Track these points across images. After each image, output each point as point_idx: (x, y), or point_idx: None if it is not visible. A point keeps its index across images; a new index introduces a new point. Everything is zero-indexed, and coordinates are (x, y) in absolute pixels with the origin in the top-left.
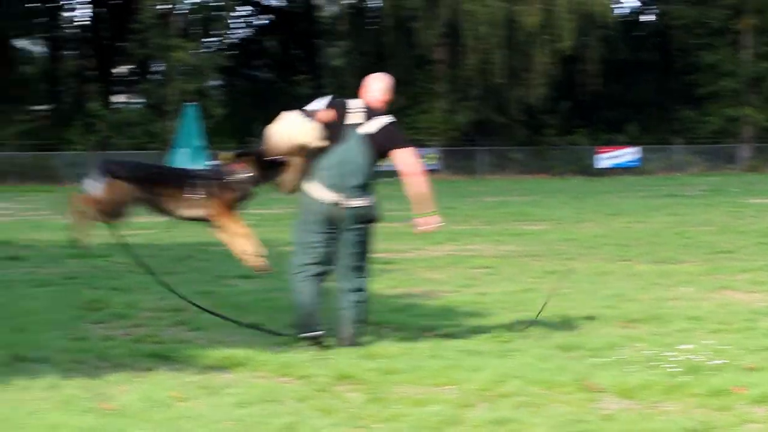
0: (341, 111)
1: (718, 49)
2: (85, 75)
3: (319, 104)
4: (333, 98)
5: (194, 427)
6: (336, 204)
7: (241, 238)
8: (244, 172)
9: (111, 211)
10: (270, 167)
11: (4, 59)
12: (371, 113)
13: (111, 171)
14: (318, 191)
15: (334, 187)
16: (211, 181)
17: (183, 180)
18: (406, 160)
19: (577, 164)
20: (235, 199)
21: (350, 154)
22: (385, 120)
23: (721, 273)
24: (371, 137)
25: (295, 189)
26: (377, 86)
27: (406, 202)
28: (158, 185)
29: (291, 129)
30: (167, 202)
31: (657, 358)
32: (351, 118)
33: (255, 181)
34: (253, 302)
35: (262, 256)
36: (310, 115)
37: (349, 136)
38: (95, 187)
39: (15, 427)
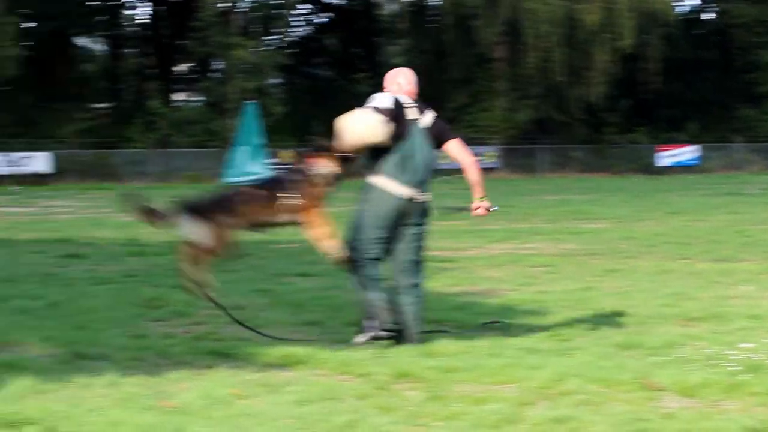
0: (401, 107)
1: None
2: (146, 73)
3: (383, 100)
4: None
5: (254, 425)
6: (410, 199)
7: (328, 234)
8: (325, 168)
9: (225, 252)
10: (344, 163)
11: (65, 57)
12: (421, 107)
13: (203, 212)
14: (393, 186)
15: (409, 182)
16: (300, 181)
17: (273, 189)
18: (460, 149)
19: (637, 162)
20: (323, 195)
21: (419, 148)
22: (433, 113)
23: None
24: (429, 130)
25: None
26: (410, 79)
27: (465, 200)
28: (251, 205)
29: (362, 125)
30: (265, 215)
31: (717, 356)
32: (409, 113)
33: (336, 177)
34: (311, 300)
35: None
36: (379, 111)
37: (413, 132)
38: (198, 234)
39: (75, 425)
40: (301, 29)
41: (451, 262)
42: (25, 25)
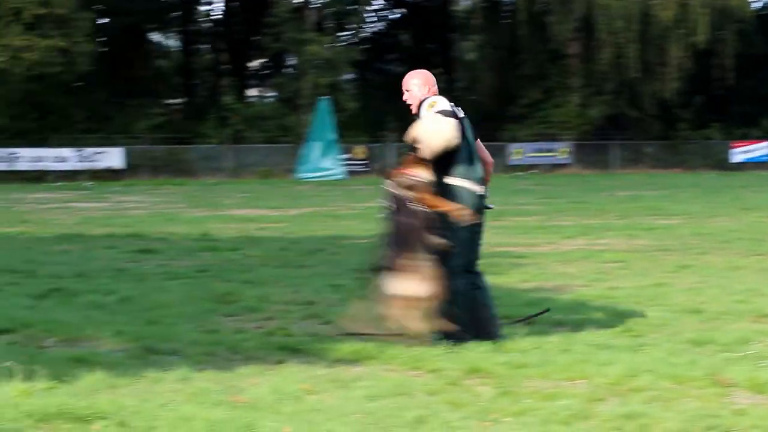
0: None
1: None
2: (219, 69)
3: (445, 104)
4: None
5: (324, 420)
6: (483, 196)
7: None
8: (424, 175)
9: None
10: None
11: (139, 53)
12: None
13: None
14: (471, 185)
15: (478, 179)
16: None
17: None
18: (483, 148)
19: (710, 159)
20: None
21: (473, 146)
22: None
23: None
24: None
25: None
26: (434, 80)
27: (537, 196)
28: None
29: (444, 130)
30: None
31: None
32: (458, 113)
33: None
34: None
35: None
36: (447, 114)
37: (467, 130)
38: (413, 288)
39: (146, 420)
40: (374, 25)
41: (524, 258)
42: (99, 21)
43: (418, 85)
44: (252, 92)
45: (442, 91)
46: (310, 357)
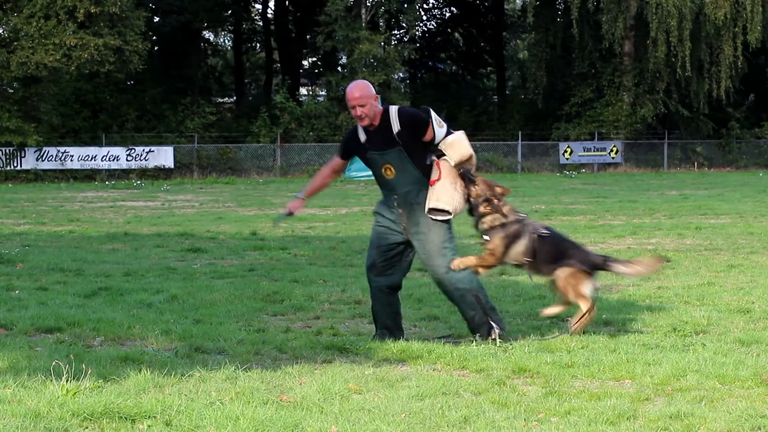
0: None
1: None
2: (271, 67)
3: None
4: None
5: (371, 420)
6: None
7: None
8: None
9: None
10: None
11: (192, 52)
12: None
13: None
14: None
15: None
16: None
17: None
18: None
19: (762, 158)
20: None
21: None
22: None
23: None
24: None
25: None
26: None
27: (587, 196)
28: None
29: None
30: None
31: None
32: None
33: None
34: (431, 295)
35: None
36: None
37: None
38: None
39: (192, 419)
40: (426, 23)
41: None
42: (152, 19)
43: (374, 99)
44: (303, 91)
45: (491, 91)
46: (357, 356)
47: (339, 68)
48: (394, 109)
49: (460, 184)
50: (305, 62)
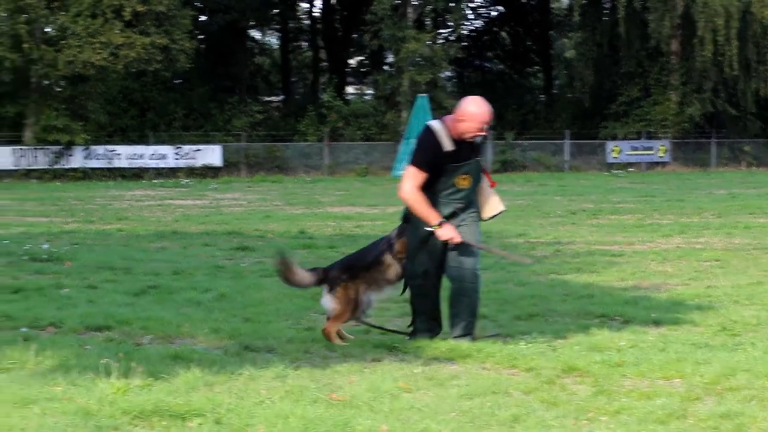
0: None
1: None
2: (318, 66)
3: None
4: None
5: (420, 419)
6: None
7: None
8: None
9: None
10: None
11: (239, 50)
12: None
13: None
14: None
15: None
16: None
17: None
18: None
19: None
20: None
21: None
22: None
23: None
24: None
25: None
26: None
27: (634, 195)
28: None
29: None
30: None
31: None
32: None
33: None
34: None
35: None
36: None
37: None
38: None
39: (242, 417)
40: (473, 22)
41: (621, 257)
42: (199, 18)
43: None
44: (350, 89)
45: (538, 90)
46: (406, 355)
47: (386, 67)
48: None
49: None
50: (352, 61)
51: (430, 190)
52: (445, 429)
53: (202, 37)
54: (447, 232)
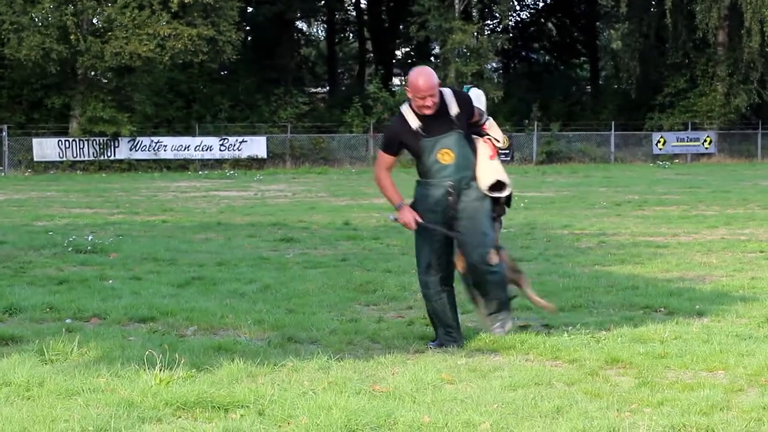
0: None
1: None
2: (364, 57)
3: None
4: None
5: (464, 410)
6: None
7: None
8: None
9: None
10: None
11: (285, 42)
12: None
13: None
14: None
15: None
16: None
17: None
18: None
19: None
20: None
21: None
22: None
23: None
24: None
25: None
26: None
27: (680, 186)
28: None
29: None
30: None
31: None
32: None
33: None
34: None
35: None
36: None
37: None
38: None
39: (285, 408)
40: (520, 13)
41: (665, 248)
42: (246, 9)
43: (439, 85)
44: (396, 81)
45: (584, 81)
46: (449, 346)
47: (432, 58)
48: (448, 91)
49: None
50: (398, 52)
51: (421, 174)
52: (487, 420)
53: (248, 28)
54: (403, 215)
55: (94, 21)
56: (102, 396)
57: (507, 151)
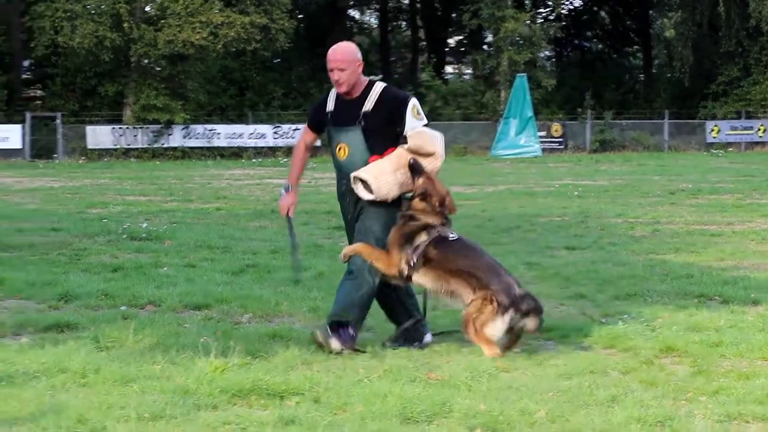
0: None
1: None
2: (417, 46)
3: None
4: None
5: (519, 398)
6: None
7: None
8: None
9: None
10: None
11: (338, 30)
12: None
13: None
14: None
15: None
16: None
17: None
18: None
19: None
20: None
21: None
22: None
23: None
24: None
25: None
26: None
27: (734, 174)
28: None
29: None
30: None
31: None
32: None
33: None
34: (579, 273)
35: None
36: None
37: None
38: None
39: (340, 396)
40: (572, 1)
41: (720, 237)
42: None
43: (358, 65)
44: (449, 69)
45: (637, 69)
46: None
47: (485, 47)
48: (379, 86)
49: (405, 173)
50: (451, 40)
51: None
52: (543, 409)
53: (301, 16)
54: (282, 199)
55: (147, 9)
56: (157, 383)
57: (561, 140)
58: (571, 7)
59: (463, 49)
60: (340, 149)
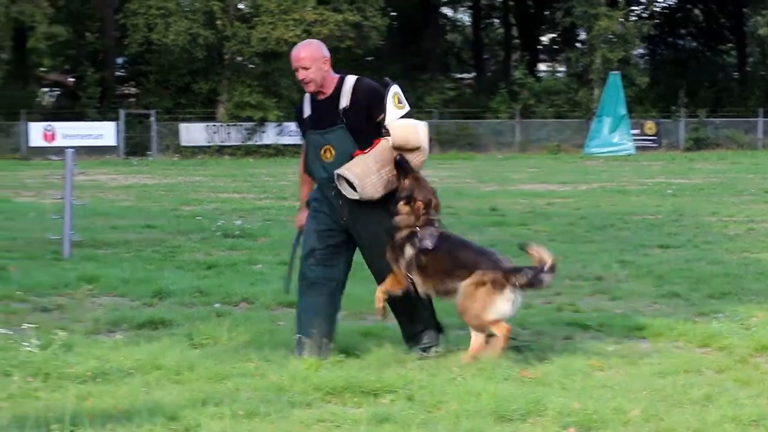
0: None
1: None
2: (510, 43)
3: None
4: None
5: (613, 396)
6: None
7: None
8: None
9: None
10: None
11: (431, 27)
12: None
13: None
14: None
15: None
16: None
17: None
18: None
19: None
20: None
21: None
22: None
23: None
24: None
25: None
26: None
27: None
28: None
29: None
30: None
31: None
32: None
33: None
34: (672, 272)
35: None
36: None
37: None
38: None
39: (434, 394)
40: None
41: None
42: None
43: (324, 62)
44: (542, 67)
45: (731, 67)
46: (598, 333)
47: (578, 44)
48: (351, 80)
49: (390, 171)
50: (544, 38)
51: (308, 172)
52: (637, 407)
53: (394, 14)
54: (298, 216)
55: (241, 6)
56: (252, 380)
57: (654, 138)
58: (665, 5)
59: (556, 46)
60: (325, 151)
